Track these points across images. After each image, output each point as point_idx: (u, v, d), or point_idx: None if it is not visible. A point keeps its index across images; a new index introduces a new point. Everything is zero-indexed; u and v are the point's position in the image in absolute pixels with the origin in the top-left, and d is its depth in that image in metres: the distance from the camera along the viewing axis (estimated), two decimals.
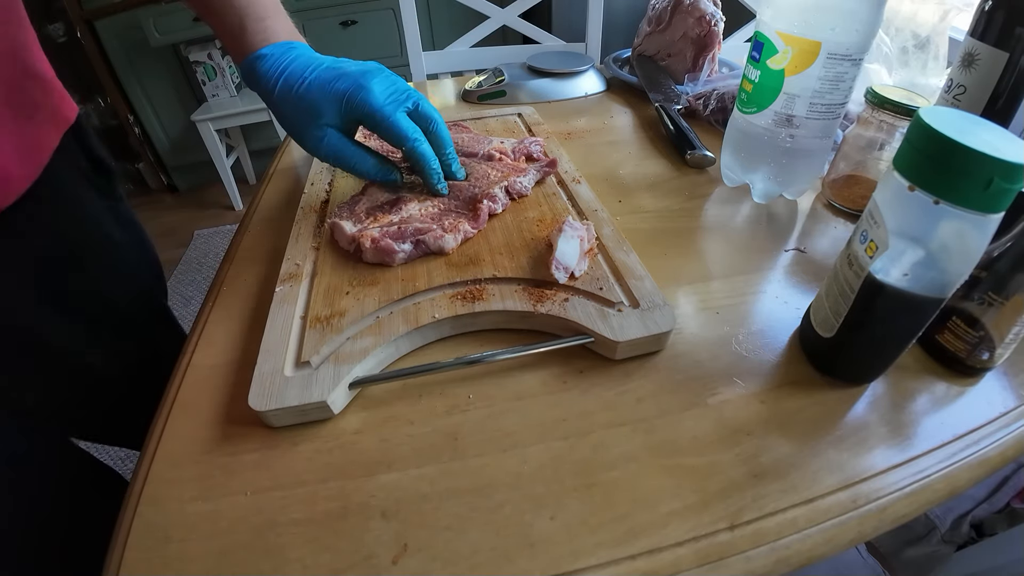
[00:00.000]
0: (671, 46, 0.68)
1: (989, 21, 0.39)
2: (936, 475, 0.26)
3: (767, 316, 0.35)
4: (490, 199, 0.41)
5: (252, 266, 0.41)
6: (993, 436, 0.28)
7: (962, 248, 0.23)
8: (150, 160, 2.26)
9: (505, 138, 0.51)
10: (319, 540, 0.24)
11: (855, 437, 0.28)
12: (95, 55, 1.94)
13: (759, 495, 0.25)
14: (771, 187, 0.46)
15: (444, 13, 2.09)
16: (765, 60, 0.40)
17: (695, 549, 0.23)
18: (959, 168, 0.21)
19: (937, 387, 0.31)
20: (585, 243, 0.36)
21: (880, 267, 0.25)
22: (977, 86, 0.40)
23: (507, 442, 0.28)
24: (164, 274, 0.56)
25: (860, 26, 0.36)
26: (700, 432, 0.28)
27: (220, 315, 0.37)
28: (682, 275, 0.39)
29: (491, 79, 0.72)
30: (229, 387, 0.31)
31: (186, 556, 0.23)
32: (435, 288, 0.35)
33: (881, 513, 0.25)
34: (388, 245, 0.36)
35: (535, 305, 0.33)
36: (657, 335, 0.31)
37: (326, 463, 0.27)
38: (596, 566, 0.22)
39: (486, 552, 0.23)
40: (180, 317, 1.62)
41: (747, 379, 0.31)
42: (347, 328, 0.32)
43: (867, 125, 0.43)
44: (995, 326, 0.29)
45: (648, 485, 0.25)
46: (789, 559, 0.23)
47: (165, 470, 0.27)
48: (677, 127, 0.56)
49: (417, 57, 0.92)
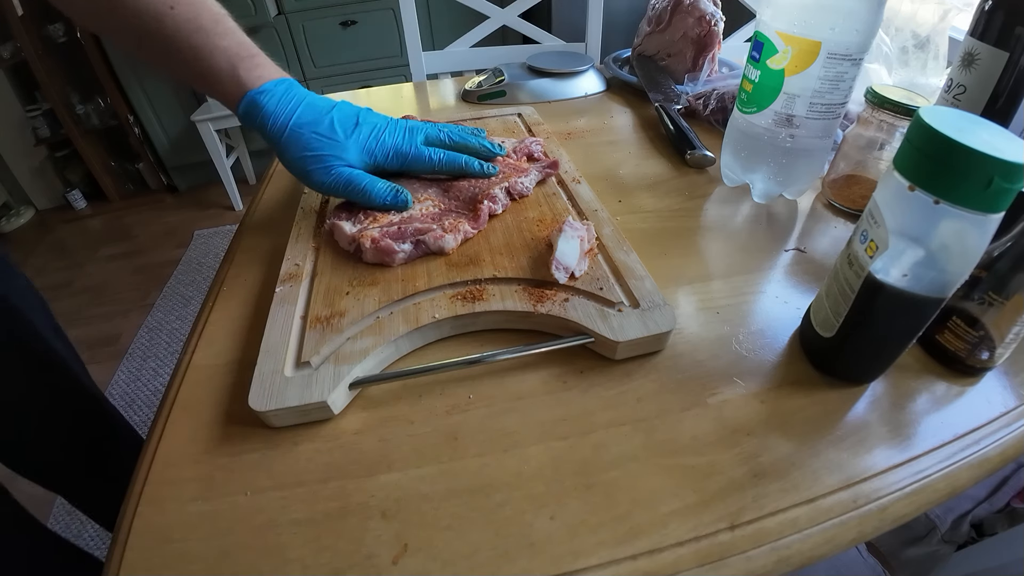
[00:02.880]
0: (671, 46, 0.68)
1: (989, 21, 0.39)
2: (936, 475, 0.26)
3: (767, 316, 0.35)
4: (490, 199, 0.41)
5: (252, 266, 0.41)
6: (993, 436, 0.28)
7: (962, 248, 0.23)
8: (150, 160, 2.26)
9: (505, 138, 0.51)
10: (319, 540, 0.24)
11: (855, 437, 0.28)
12: (95, 55, 1.94)
13: (759, 495, 0.25)
14: (771, 187, 0.46)
15: (444, 13, 2.09)
16: (765, 60, 0.40)
17: (695, 549, 0.23)
18: (959, 168, 0.21)
19: (937, 387, 0.31)
20: (585, 243, 0.36)
21: (880, 267, 0.25)
22: (977, 86, 0.40)
23: (507, 442, 0.28)
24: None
25: (860, 26, 0.36)
26: (700, 432, 0.28)
27: (220, 315, 0.37)
28: (682, 275, 0.39)
29: (491, 79, 0.72)
30: (229, 387, 0.31)
31: (186, 556, 0.23)
32: (435, 288, 0.35)
33: (882, 513, 0.25)
34: (388, 245, 0.36)
35: (535, 305, 0.33)
36: (657, 335, 0.31)
37: (326, 463, 0.27)
38: (596, 566, 0.22)
39: (486, 552, 0.23)
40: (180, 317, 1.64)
41: (747, 379, 0.31)
42: (347, 328, 0.32)
43: (867, 125, 0.43)
44: (995, 326, 0.29)
45: (648, 485, 0.25)
46: (790, 559, 0.23)
47: (165, 470, 0.27)
48: (677, 127, 0.56)
49: (417, 57, 0.92)
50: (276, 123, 0.38)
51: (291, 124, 0.38)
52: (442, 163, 0.43)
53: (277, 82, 0.39)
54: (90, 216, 2.27)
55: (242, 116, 0.39)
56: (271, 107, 0.38)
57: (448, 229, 0.38)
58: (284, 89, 0.39)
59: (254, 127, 0.39)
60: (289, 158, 0.40)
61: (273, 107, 0.38)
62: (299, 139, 0.39)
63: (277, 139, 0.39)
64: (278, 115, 0.38)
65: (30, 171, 2.20)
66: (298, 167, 0.40)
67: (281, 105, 0.38)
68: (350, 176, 0.40)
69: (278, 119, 0.38)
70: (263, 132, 0.39)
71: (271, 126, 0.38)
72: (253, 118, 0.39)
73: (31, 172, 2.21)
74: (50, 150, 2.20)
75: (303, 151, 0.39)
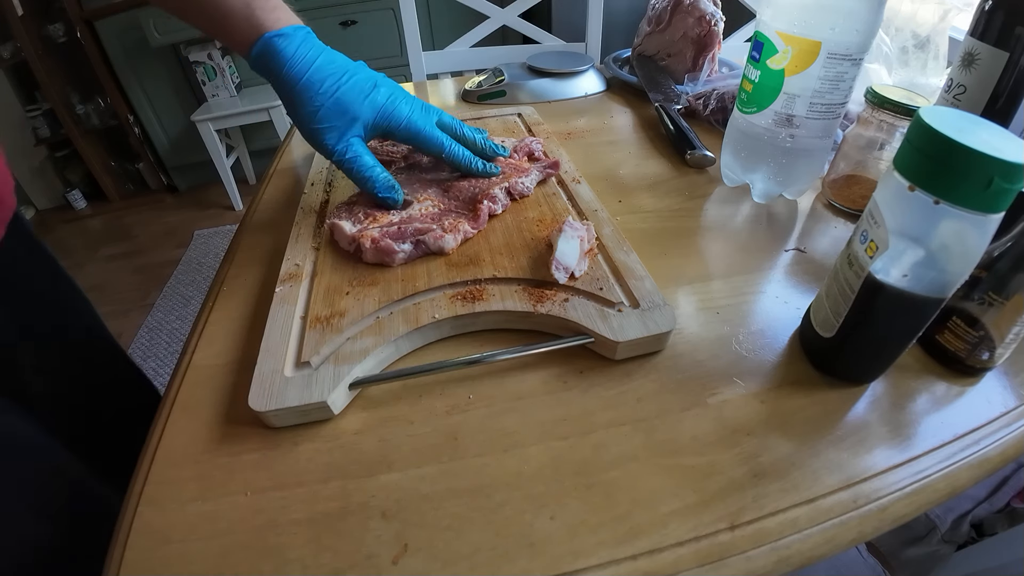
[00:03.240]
0: (671, 46, 0.68)
1: (989, 21, 0.39)
2: (936, 475, 0.26)
3: (767, 316, 0.35)
4: (490, 199, 0.41)
5: (252, 266, 0.41)
6: (993, 436, 0.28)
7: (962, 248, 0.23)
8: (150, 160, 2.26)
9: (505, 138, 0.51)
10: (319, 540, 0.24)
11: (855, 437, 0.28)
12: (95, 55, 1.94)
13: (759, 495, 0.25)
14: (771, 187, 0.46)
15: (444, 13, 2.09)
16: (765, 60, 0.40)
17: (695, 549, 0.23)
18: (959, 168, 0.21)
19: (937, 387, 0.31)
20: (585, 243, 0.36)
21: (880, 267, 0.25)
22: (977, 86, 0.40)
23: (507, 442, 0.28)
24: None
25: (860, 26, 0.36)
26: (700, 432, 0.28)
27: (220, 315, 0.37)
28: (682, 275, 0.39)
29: (491, 79, 0.72)
30: (229, 387, 0.31)
31: (186, 556, 0.23)
32: (435, 288, 0.35)
33: (882, 513, 0.25)
34: (388, 245, 0.36)
35: (535, 305, 0.33)
36: (657, 335, 0.31)
37: (326, 463, 0.27)
38: (596, 566, 0.22)
39: (486, 552, 0.23)
40: (180, 317, 1.64)
41: (747, 379, 0.31)
42: (347, 328, 0.32)
43: (867, 125, 0.43)
44: (995, 326, 0.29)
45: (648, 485, 0.25)
46: (790, 559, 0.23)
47: (165, 470, 0.27)
48: (677, 127, 0.56)
49: (417, 57, 0.92)
50: (292, 70, 0.36)
51: (309, 72, 0.36)
52: (451, 151, 0.42)
53: (296, 27, 0.37)
54: (90, 216, 2.27)
55: (255, 59, 0.36)
56: (289, 52, 0.36)
57: (448, 229, 0.38)
58: (304, 35, 0.37)
59: (267, 73, 0.37)
60: (303, 112, 0.37)
61: (292, 52, 0.36)
62: (316, 92, 0.36)
63: (292, 87, 0.36)
64: (295, 61, 0.36)
65: (30, 171, 2.20)
66: (309, 125, 0.38)
67: (301, 51, 0.36)
68: (358, 152, 0.39)
69: (295, 65, 0.36)
70: (277, 78, 0.36)
71: (287, 72, 0.36)
72: (267, 62, 0.36)
73: (31, 172, 2.21)
74: (50, 150, 2.21)
75: (318, 106, 0.37)
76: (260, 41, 0.36)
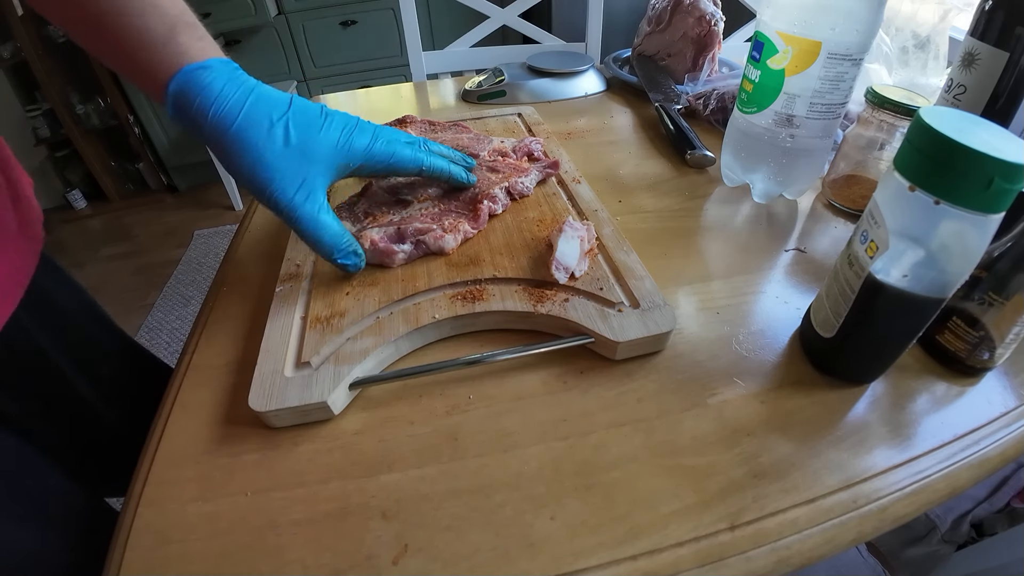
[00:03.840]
0: (671, 46, 0.68)
1: (989, 21, 0.39)
2: (936, 475, 0.26)
3: (767, 316, 0.35)
4: (490, 199, 0.41)
5: (252, 266, 0.41)
6: (993, 436, 0.28)
7: (962, 248, 0.23)
8: (150, 160, 2.26)
9: (505, 137, 0.51)
10: (319, 540, 0.24)
11: (855, 437, 0.28)
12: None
13: (759, 495, 0.25)
14: (771, 187, 0.46)
15: (444, 13, 2.09)
16: (765, 60, 0.40)
17: (695, 549, 0.23)
18: (959, 168, 0.21)
19: (937, 387, 0.31)
20: (585, 243, 0.36)
21: (880, 267, 0.25)
22: (977, 86, 0.40)
23: (507, 442, 0.28)
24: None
25: (860, 26, 0.36)
26: (700, 432, 0.28)
27: (220, 315, 0.37)
28: (682, 275, 0.39)
29: (491, 79, 0.72)
30: (229, 387, 0.31)
31: (186, 557, 0.23)
32: (435, 288, 0.35)
33: (882, 513, 0.25)
34: (388, 247, 0.36)
35: (535, 305, 0.33)
36: (657, 335, 0.31)
37: (326, 463, 0.27)
38: (596, 566, 0.22)
39: (486, 552, 0.23)
40: (180, 317, 1.64)
41: (747, 379, 0.31)
42: (347, 328, 0.32)
43: (867, 125, 0.43)
44: (995, 326, 0.29)
45: (648, 485, 0.25)
46: (789, 559, 0.23)
47: (165, 470, 0.27)
48: (677, 127, 0.56)
49: (417, 57, 0.92)
50: (221, 112, 0.29)
51: (241, 116, 0.30)
52: (431, 164, 0.39)
53: (224, 61, 0.31)
54: (90, 216, 2.27)
55: (175, 97, 0.29)
56: (216, 87, 0.29)
57: (448, 229, 0.38)
58: (232, 70, 0.31)
59: (189, 116, 0.29)
60: (238, 164, 0.30)
61: (219, 88, 0.29)
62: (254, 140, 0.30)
63: (222, 134, 0.29)
64: (223, 101, 0.29)
65: (30, 171, 2.14)
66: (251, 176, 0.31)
67: (229, 88, 0.29)
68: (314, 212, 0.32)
69: (223, 106, 0.29)
70: (201, 122, 0.29)
71: (214, 114, 0.29)
72: (190, 101, 0.29)
73: (31, 172, 2.15)
74: (50, 150, 2.20)
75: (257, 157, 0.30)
76: (181, 74, 0.29)
